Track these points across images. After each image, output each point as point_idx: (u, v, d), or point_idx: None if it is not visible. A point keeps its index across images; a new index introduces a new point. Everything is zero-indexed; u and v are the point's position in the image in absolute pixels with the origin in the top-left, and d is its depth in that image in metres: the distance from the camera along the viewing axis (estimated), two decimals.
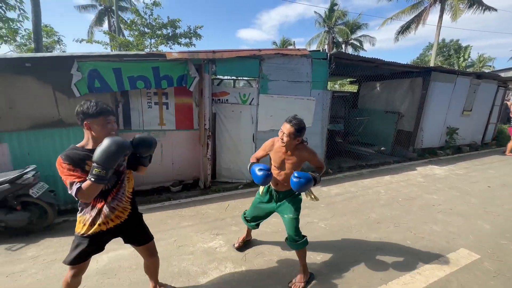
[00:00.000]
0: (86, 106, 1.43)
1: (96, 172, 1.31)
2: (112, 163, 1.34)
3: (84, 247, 1.56)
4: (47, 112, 3.31)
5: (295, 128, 1.96)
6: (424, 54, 35.50)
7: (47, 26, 12.01)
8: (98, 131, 1.47)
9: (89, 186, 1.34)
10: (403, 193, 4.37)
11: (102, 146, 1.32)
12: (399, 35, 19.48)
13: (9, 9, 6.14)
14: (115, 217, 1.63)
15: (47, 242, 2.82)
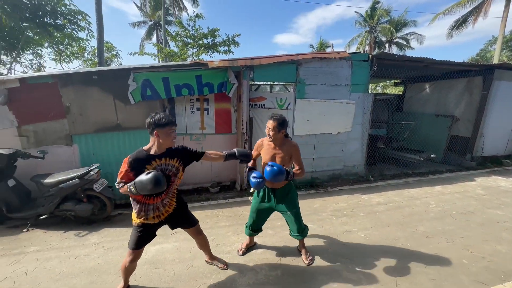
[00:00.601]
0: (157, 118, 1.74)
1: (131, 189, 1.71)
2: (143, 193, 1.70)
3: (141, 234, 1.91)
4: (108, 117, 3.79)
5: (278, 122, 2.17)
6: (486, 50, 31.20)
7: (107, 42, 13.72)
8: (164, 138, 1.78)
9: (125, 191, 1.74)
10: (459, 206, 3.91)
11: (143, 180, 1.65)
12: (453, 31, 17.53)
13: (80, 30, 7.21)
14: (165, 211, 1.98)
15: (106, 231, 3.21)
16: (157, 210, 1.91)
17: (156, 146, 1.82)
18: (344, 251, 2.75)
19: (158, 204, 1.91)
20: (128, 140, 3.92)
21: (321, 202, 4.10)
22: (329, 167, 5.07)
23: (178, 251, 2.75)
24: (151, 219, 1.91)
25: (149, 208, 1.88)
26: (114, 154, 3.90)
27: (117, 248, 2.82)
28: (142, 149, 1.84)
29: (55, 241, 2.96)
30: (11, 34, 6.84)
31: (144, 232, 1.92)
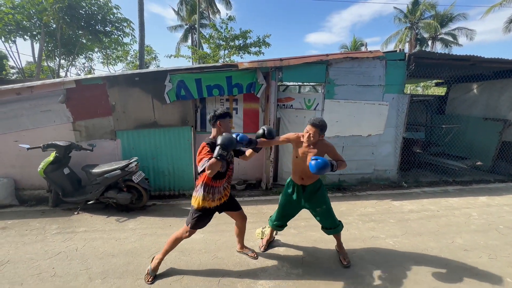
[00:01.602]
0: (219, 111, 2.13)
1: (220, 152, 1.86)
2: (228, 147, 1.89)
3: (201, 217, 2.22)
4: (146, 115, 4.14)
5: (320, 128, 2.19)
6: None
7: (147, 46, 14.79)
8: (225, 128, 2.15)
9: (215, 162, 1.87)
10: (507, 220, 3.51)
11: (223, 136, 1.94)
12: (511, 24, 15.56)
13: (125, 35, 7.93)
14: (224, 194, 2.29)
15: (141, 219, 3.52)
16: (219, 193, 2.22)
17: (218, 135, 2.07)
18: (370, 256, 2.67)
19: (221, 188, 2.22)
20: (163, 136, 4.24)
21: (347, 205, 3.99)
22: (358, 170, 4.90)
23: (204, 242, 2.92)
24: (217, 201, 2.22)
25: (215, 191, 2.18)
26: (151, 149, 4.24)
27: (151, 234, 3.08)
28: (208, 138, 2.16)
29: (100, 224, 3.34)
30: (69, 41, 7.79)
31: (204, 215, 2.22)
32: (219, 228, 3.23)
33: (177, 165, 4.35)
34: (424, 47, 23.58)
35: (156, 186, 4.38)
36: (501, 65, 5.10)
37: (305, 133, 2.24)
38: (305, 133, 2.24)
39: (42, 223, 3.34)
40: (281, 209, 2.61)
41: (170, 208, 3.89)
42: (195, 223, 2.21)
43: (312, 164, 2.00)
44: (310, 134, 2.19)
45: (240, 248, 2.71)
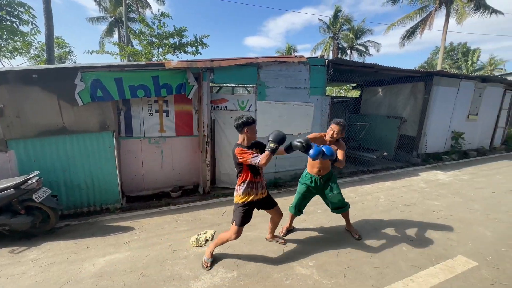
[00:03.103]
0: (245, 119, 2.23)
1: (272, 146, 2.12)
2: (280, 141, 2.15)
3: (246, 212, 2.38)
4: (52, 120, 3.46)
5: (343, 127, 2.69)
6: (432, 58, 35.07)
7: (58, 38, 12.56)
8: (252, 133, 2.29)
9: (268, 155, 2.10)
10: (404, 199, 4.31)
11: (274, 133, 2.18)
12: (404, 40, 19.38)
13: (23, 23, 6.49)
14: (264, 190, 2.50)
15: (48, 245, 2.92)
16: (262, 188, 2.44)
17: (246, 141, 2.30)
18: (300, 247, 2.86)
19: (260, 184, 2.42)
20: (76, 144, 3.62)
21: (282, 201, 4.14)
22: (292, 167, 5.24)
23: (130, 261, 2.61)
24: (260, 194, 2.42)
25: (257, 185, 2.38)
26: (60, 160, 3.57)
27: (60, 263, 2.58)
28: (238, 143, 2.32)
29: None
30: None
31: (248, 210, 2.39)
32: (149, 242, 2.95)
33: (97, 177, 3.79)
34: (344, 55, 27.14)
35: (70, 203, 3.72)
36: (396, 73, 6.25)
37: (329, 131, 2.71)
38: (329, 131, 2.71)
39: None
40: (301, 197, 3.02)
41: (88, 227, 3.35)
42: (242, 219, 2.36)
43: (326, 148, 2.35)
44: (334, 131, 2.67)
45: (270, 237, 2.97)
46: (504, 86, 8.17)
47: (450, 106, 7.01)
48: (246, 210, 2.37)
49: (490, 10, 15.71)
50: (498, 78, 8.10)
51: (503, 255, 2.72)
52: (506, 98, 8.48)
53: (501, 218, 3.60)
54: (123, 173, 4.22)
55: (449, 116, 7.09)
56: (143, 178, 4.43)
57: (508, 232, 3.21)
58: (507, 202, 4.17)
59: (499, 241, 2.99)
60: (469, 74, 7.59)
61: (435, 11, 17.27)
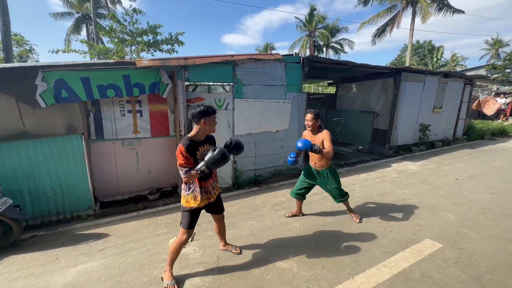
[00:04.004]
0: (203, 108, 1.97)
1: (203, 169, 1.93)
2: (216, 168, 1.98)
3: (194, 216, 2.18)
4: (10, 124, 3.19)
5: (314, 113, 2.89)
6: (401, 55, 37.07)
7: (17, 35, 11.57)
8: (210, 125, 2.05)
9: (195, 175, 1.97)
10: (377, 190, 4.53)
11: (214, 154, 1.90)
12: (376, 38, 20.27)
13: None
14: (214, 193, 2.30)
15: (11, 259, 2.70)
16: (208, 193, 2.22)
17: (201, 134, 2.06)
18: (280, 242, 2.91)
19: (209, 188, 2.22)
20: (40, 149, 3.37)
21: (262, 198, 4.25)
22: (271, 164, 5.30)
23: (105, 269, 2.50)
24: (205, 200, 2.19)
25: (202, 191, 2.15)
26: (22, 166, 3.30)
27: (26, 277, 2.40)
28: (188, 137, 2.04)
29: None
30: None
31: (194, 214, 2.18)
32: (125, 248, 2.84)
33: (66, 183, 3.56)
34: (320, 53, 27.82)
35: (37, 213, 3.47)
36: (368, 69, 6.52)
37: (305, 122, 2.96)
38: (305, 122, 2.96)
39: None
40: (300, 182, 3.32)
41: (57, 237, 3.15)
42: (189, 222, 2.16)
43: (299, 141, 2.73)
44: (307, 120, 2.90)
45: (223, 246, 2.73)
46: (464, 81, 8.86)
47: (417, 100, 7.47)
48: (192, 215, 2.18)
49: (452, 9, 16.90)
50: (458, 74, 8.76)
51: (464, 235, 2.97)
52: (466, 92, 9.20)
53: (462, 202, 3.92)
54: (95, 178, 4.02)
55: (416, 110, 7.56)
56: (117, 182, 4.24)
57: (468, 214, 3.51)
58: (468, 187, 4.55)
59: (460, 224, 3.26)
60: (433, 70, 8.13)
61: (402, 10, 18.26)
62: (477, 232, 3.03)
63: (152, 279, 2.33)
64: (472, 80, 9.36)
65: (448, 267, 2.42)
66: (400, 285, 2.20)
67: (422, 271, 2.37)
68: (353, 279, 2.28)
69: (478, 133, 9.95)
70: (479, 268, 2.40)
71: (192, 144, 2.01)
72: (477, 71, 20.04)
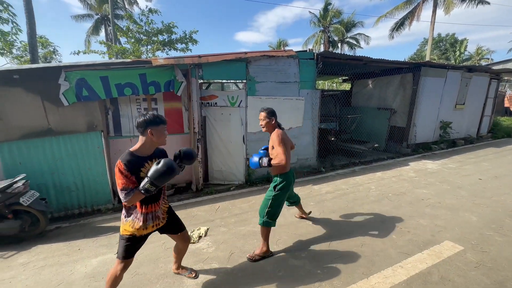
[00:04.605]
0: (149, 116, 1.66)
1: (148, 187, 1.58)
2: (163, 183, 1.62)
3: (135, 244, 1.80)
4: (37, 122, 3.38)
5: (266, 111, 2.47)
6: (421, 50, 35.49)
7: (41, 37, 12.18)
8: (159, 136, 1.71)
9: (138, 196, 1.61)
10: (394, 189, 4.40)
11: (159, 167, 1.56)
12: (393, 32, 19.51)
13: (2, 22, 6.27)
14: (163, 218, 1.92)
15: (38, 248, 2.88)
16: (157, 219, 1.86)
17: (148, 146, 1.72)
18: (292, 240, 2.90)
19: (158, 212, 1.86)
20: (63, 145, 3.55)
21: None
22: None
23: None
24: (150, 228, 1.82)
25: (148, 217, 1.79)
26: (48, 162, 3.50)
27: (52, 265, 2.55)
28: (129, 151, 1.68)
29: None
30: None
31: (135, 242, 1.79)
32: None
33: (87, 178, 3.73)
34: (335, 48, 27.18)
35: (61, 205, 3.67)
36: (385, 64, 6.31)
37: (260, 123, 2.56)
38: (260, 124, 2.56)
39: None
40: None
41: (79, 229, 3.32)
42: (125, 253, 1.77)
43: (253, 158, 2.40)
44: (260, 119, 2.52)
45: (176, 268, 2.34)
46: (490, 75, 8.35)
47: (438, 96, 7.14)
48: (129, 245, 1.77)
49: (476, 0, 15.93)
50: (483, 68, 8.27)
51: (488, 238, 2.82)
52: (492, 87, 8.68)
53: (486, 203, 3.72)
54: (113, 174, 4.17)
55: (437, 106, 7.23)
56: None
57: (492, 216, 3.32)
58: (492, 188, 4.31)
59: (484, 226, 3.09)
60: (455, 64, 7.73)
61: (422, 2, 17.42)
62: (502, 235, 2.87)
63: (167, 272, 2.40)
64: (499, 74, 8.80)
65: (470, 270, 2.31)
66: (418, 287, 2.13)
67: (441, 273, 2.28)
68: (367, 279, 2.24)
69: (505, 130, 9.38)
70: (503, 273, 2.27)
71: (135, 160, 1.65)
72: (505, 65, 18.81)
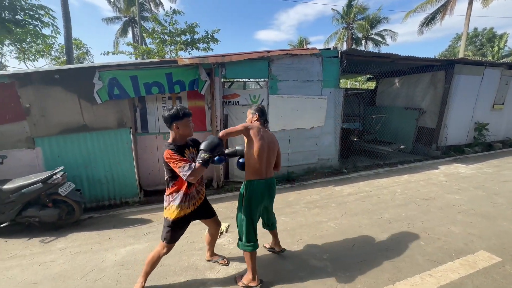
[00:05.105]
0: (174, 111, 1.80)
1: (204, 157, 1.75)
2: (214, 151, 1.81)
3: (180, 228, 2.01)
4: (73, 118, 3.64)
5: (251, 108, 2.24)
6: (453, 46, 33.16)
7: (76, 39, 13.03)
8: (184, 129, 1.86)
9: (200, 168, 1.74)
10: (422, 193, 4.17)
11: (208, 140, 1.83)
12: (423, 27, 18.44)
13: (44, 26, 6.80)
14: (199, 198, 2.10)
15: (74, 236, 3.10)
16: (194, 198, 2.03)
17: (178, 137, 1.89)
18: (313, 240, 2.86)
19: (194, 193, 2.02)
20: (96, 141, 3.79)
21: (295, 195, 4.21)
22: (305, 161, 5.21)
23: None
24: (191, 206, 2.01)
25: (188, 197, 1.97)
26: (82, 156, 3.75)
27: (85, 252, 2.74)
28: (169, 142, 1.89)
29: (18, 249, 2.83)
30: None
31: (180, 224, 1.99)
32: None
33: (117, 172, 3.95)
34: (358, 46, 26.24)
35: (93, 197, 3.92)
36: (414, 62, 5.98)
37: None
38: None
39: None
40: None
41: (109, 220, 3.53)
42: (171, 237, 1.97)
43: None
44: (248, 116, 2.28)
45: (209, 256, 2.51)
46: None
47: (473, 95, 6.64)
48: (175, 227, 1.96)
49: None
50: None
51: None
52: None
53: None
54: (140, 168, 4.38)
55: (471, 106, 6.73)
56: (159, 173, 4.57)
57: None
58: None
59: None
60: (494, 61, 7.12)
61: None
62: None
63: (190, 265, 2.48)
64: None
65: (509, 284, 2.14)
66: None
67: (476, 285, 2.13)
68: (393, 285, 2.15)
69: None
70: None
71: (177, 149, 1.82)
72: None
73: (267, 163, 2.15)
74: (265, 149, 2.10)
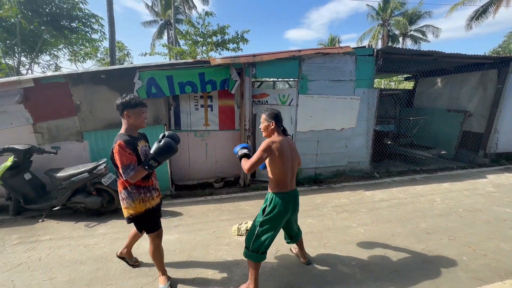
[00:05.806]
0: (126, 99, 1.74)
1: (151, 163, 1.73)
2: (164, 160, 1.79)
3: (153, 215, 2.00)
4: (115, 115, 3.92)
5: (265, 113, 2.05)
6: (508, 41, 29.53)
7: (118, 42, 14.11)
8: (135, 119, 1.80)
9: (141, 172, 1.73)
10: (465, 204, 3.80)
11: (161, 146, 1.73)
12: (472, 21, 16.71)
13: (94, 32, 7.50)
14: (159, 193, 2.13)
15: (113, 222, 3.38)
16: (157, 191, 2.06)
17: (131, 128, 1.82)
18: (341, 245, 2.77)
19: (156, 185, 2.06)
20: None
21: (323, 197, 4.11)
22: (333, 163, 5.05)
23: (179, 242, 2.87)
24: (156, 198, 2.02)
25: (149, 189, 1.95)
26: None
27: (123, 238, 2.97)
28: (121, 132, 1.81)
29: (67, 231, 3.16)
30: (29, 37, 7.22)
31: (152, 213, 1.97)
32: (195, 228, 3.19)
33: None
34: (395, 43, 24.64)
35: None
36: (461, 60, 5.46)
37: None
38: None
39: (1, 234, 3.10)
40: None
41: None
42: (151, 226, 1.97)
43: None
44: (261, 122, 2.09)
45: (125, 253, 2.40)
46: None
47: None
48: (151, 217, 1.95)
49: None
50: None
51: None
52: None
53: None
54: (172, 164, 4.61)
55: None
56: (189, 169, 4.78)
57: None
58: None
59: None
60: None
61: None
62: None
63: (217, 259, 2.56)
64: None
65: None
66: None
67: None
68: None
69: None
70: None
71: (130, 140, 1.73)
72: None
73: (292, 175, 2.05)
74: (289, 161, 1.99)
